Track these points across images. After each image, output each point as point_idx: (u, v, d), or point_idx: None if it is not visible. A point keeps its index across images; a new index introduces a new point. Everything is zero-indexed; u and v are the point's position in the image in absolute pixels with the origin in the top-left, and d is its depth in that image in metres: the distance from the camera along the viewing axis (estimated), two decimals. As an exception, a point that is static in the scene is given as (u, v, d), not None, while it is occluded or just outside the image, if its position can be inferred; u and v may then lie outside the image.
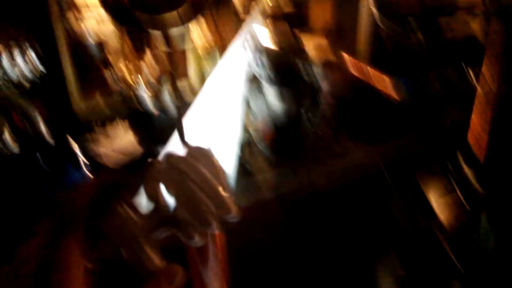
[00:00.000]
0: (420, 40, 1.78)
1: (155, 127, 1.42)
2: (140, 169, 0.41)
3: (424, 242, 1.76)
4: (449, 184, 1.85)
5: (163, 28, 0.58)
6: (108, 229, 0.39)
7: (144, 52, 1.49)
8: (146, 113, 1.43)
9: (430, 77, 1.72)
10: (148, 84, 1.49)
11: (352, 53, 1.71)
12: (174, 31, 0.64)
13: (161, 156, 0.43)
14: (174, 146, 1.12)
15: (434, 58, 1.76)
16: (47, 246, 0.39)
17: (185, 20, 0.60)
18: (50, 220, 0.40)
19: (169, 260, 0.40)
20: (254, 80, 1.75)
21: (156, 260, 0.39)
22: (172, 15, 0.56)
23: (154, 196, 0.40)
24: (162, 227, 0.41)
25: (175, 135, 0.95)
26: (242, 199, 1.27)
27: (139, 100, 1.42)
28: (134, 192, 0.41)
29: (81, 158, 1.17)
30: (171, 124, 1.40)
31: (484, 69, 1.19)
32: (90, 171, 1.13)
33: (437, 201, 1.78)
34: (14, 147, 1.12)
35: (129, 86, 1.43)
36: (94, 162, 1.26)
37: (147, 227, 0.39)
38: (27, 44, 1.34)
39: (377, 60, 1.69)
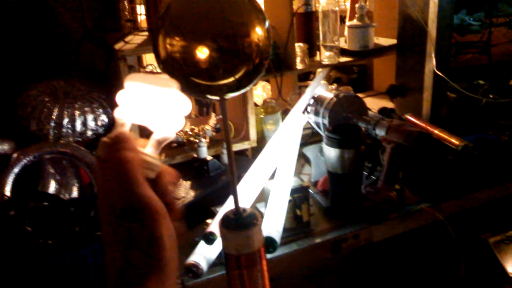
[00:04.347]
0: (491, 103, 1.74)
1: (210, 178, 1.47)
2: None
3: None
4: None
5: (221, 95, 0.58)
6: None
7: (209, 116, 1.56)
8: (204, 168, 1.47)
9: (499, 133, 1.68)
10: (211, 146, 1.55)
11: (418, 115, 1.70)
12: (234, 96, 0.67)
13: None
14: (229, 206, 1.16)
15: (504, 118, 1.72)
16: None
17: (243, 86, 0.59)
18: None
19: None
20: (315, 143, 1.78)
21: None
22: (229, 82, 0.56)
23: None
24: None
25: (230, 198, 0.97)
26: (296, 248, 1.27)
27: (200, 163, 1.47)
28: None
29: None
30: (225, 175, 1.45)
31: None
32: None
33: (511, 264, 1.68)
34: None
35: (192, 148, 1.49)
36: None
37: None
38: (99, 103, 1.45)
39: (443, 122, 1.66)
